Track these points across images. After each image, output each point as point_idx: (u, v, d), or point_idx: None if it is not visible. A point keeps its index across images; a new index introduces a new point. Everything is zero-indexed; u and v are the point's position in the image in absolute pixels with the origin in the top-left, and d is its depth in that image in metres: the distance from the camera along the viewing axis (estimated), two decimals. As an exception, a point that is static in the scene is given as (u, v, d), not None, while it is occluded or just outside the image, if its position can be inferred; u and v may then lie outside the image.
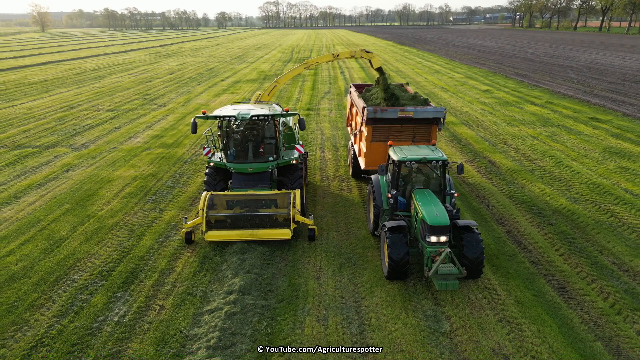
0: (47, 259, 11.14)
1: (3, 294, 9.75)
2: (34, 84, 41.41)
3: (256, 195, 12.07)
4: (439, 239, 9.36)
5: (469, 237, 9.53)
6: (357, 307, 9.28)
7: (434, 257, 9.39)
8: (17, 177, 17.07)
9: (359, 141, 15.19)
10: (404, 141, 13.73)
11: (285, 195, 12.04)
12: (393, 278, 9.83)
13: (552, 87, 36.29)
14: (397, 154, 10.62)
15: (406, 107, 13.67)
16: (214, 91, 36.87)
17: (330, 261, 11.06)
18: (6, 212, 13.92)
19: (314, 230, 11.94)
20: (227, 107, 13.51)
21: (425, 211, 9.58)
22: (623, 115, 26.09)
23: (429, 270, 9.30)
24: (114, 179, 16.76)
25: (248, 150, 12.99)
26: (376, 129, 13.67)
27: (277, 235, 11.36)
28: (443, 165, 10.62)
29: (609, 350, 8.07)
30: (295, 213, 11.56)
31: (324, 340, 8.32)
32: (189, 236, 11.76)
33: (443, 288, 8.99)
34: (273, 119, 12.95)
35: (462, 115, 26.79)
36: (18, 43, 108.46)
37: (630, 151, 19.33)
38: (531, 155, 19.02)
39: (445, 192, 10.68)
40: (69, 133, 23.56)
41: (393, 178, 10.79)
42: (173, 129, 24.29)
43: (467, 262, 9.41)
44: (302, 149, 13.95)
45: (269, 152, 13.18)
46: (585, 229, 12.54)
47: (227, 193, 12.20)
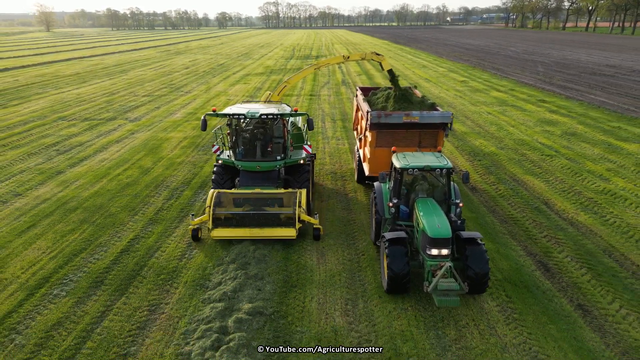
0: (145, 177, 17.11)
1: (128, 190, 15.71)
2: (68, 77, 47.24)
3: (263, 193, 12.24)
4: (440, 251, 8.99)
5: (474, 250, 9.14)
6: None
7: (434, 271, 8.99)
8: (97, 137, 23.01)
9: (363, 146, 14.92)
10: (410, 147, 13.24)
11: (292, 194, 12.13)
12: (393, 292, 9.49)
13: (519, 78, 42.37)
14: (399, 161, 10.32)
15: (411, 111, 13.28)
16: (228, 82, 42.79)
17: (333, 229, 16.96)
18: (103, 155, 19.87)
19: (320, 229, 12.08)
20: (237, 106, 13.82)
21: (426, 222, 9.23)
22: (566, 97, 32.17)
23: (428, 285, 8.91)
24: (169, 138, 22.70)
25: (256, 149, 13.14)
26: (380, 134, 13.32)
27: (282, 234, 11.56)
28: (448, 173, 10.19)
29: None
30: (300, 212, 11.73)
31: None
32: (196, 233, 12.02)
33: (443, 304, 8.65)
34: (282, 119, 13.08)
35: (437, 99, 32.71)
36: (30, 42, 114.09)
37: (558, 121, 25.34)
38: (482, 124, 25.01)
39: (449, 201, 10.25)
40: (121, 110, 29.51)
41: (395, 186, 10.45)
42: (202, 109, 30.21)
43: (472, 277, 9.02)
44: (310, 149, 14.03)
45: (277, 151, 13.31)
46: (501, 163, 18.53)
47: (234, 191, 12.46)
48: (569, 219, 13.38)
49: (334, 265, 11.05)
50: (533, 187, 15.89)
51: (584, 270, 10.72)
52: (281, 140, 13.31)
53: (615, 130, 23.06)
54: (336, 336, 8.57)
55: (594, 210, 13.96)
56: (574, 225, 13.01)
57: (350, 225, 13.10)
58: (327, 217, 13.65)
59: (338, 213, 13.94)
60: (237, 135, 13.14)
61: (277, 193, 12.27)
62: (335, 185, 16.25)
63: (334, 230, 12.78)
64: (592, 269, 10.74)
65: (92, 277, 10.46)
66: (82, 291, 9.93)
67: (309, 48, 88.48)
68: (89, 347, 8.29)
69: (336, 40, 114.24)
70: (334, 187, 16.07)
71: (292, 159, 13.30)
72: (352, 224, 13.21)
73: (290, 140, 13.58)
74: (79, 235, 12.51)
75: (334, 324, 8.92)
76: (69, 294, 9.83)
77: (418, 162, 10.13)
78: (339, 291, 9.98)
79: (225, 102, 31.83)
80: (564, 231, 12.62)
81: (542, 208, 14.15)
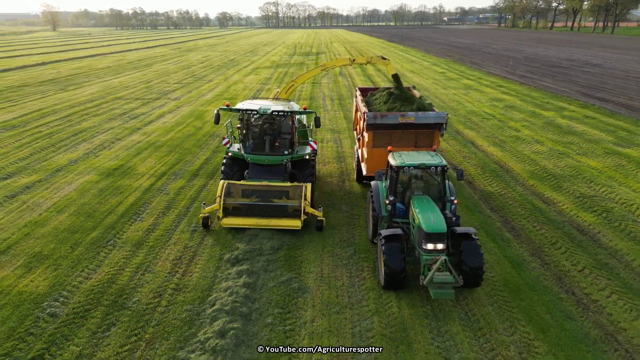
0: (200, 131, 24.39)
1: (191, 138, 23.01)
2: (102, 69, 54.44)
3: (270, 186, 12.87)
4: (436, 246, 9.31)
5: (468, 245, 9.49)
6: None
7: (430, 265, 9.28)
8: (152, 110, 30.28)
9: (361, 146, 15.35)
10: (406, 147, 13.62)
11: (297, 187, 12.76)
12: (390, 287, 9.81)
13: (489, 70, 49.80)
14: (395, 159, 10.66)
15: (407, 112, 13.72)
16: (242, 73, 50.08)
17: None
18: (164, 120, 27.12)
19: (322, 221, 12.73)
20: (248, 102, 14.54)
21: (422, 218, 9.54)
22: (520, 83, 39.61)
23: (424, 279, 9.18)
24: (207, 110, 29.98)
25: (265, 143, 13.78)
26: (377, 135, 13.67)
27: (288, 225, 12.26)
28: (442, 171, 10.54)
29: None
30: (305, 205, 12.37)
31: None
32: (206, 221, 12.72)
33: (438, 297, 8.99)
34: (291, 116, 13.81)
35: (418, 85, 40.02)
36: (45, 41, 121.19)
37: (505, 99, 32.71)
38: (446, 101, 32.34)
39: (445, 198, 10.60)
40: (161, 93, 36.81)
41: (391, 184, 10.80)
42: (227, 92, 37.48)
43: (467, 271, 9.35)
44: (315, 146, 14.58)
45: (284, 146, 13.92)
46: (451, 123, 25.79)
47: (243, 182, 13.10)
48: (483, 150, 20.70)
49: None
50: (467, 135, 23.24)
51: (489, 176, 18.04)
52: (289, 136, 14.00)
53: (544, 104, 30.47)
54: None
55: (502, 146, 21.28)
56: (485, 152, 20.33)
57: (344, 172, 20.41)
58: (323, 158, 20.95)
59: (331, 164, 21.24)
60: (248, 129, 13.90)
61: (283, 186, 12.93)
62: (333, 136, 23.55)
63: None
64: (487, 172, 18.05)
65: (190, 173, 17.79)
66: (187, 178, 17.24)
67: (309, 46, 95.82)
68: (200, 199, 15.60)
69: (335, 39, 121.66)
70: (332, 137, 23.36)
71: (298, 154, 14.02)
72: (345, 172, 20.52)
73: (297, 137, 14.36)
74: (171, 157, 19.83)
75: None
76: (181, 177, 17.21)
77: (413, 160, 10.51)
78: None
79: (243, 89, 39.12)
80: (476, 155, 19.94)
81: (469, 145, 21.48)
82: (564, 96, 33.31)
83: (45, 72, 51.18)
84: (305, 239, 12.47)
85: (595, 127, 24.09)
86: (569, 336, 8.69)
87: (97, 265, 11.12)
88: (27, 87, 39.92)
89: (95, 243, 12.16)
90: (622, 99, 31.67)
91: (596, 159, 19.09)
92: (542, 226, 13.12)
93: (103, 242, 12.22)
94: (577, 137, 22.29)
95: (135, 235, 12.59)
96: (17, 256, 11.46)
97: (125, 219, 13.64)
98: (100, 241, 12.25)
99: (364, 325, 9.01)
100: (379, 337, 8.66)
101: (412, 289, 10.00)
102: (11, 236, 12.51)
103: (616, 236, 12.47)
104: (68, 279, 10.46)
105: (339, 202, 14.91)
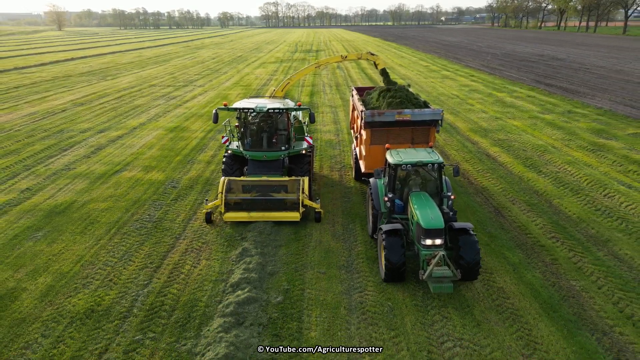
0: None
1: (221, 112, 30.13)
2: (126, 64, 61.47)
3: (269, 181, 13.28)
4: (434, 241, 9.58)
5: (465, 240, 9.68)
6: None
7: (429, 260, 9.50)
8: (185, 93, 37.38)
9: (359, 144, 15.59)
10: (403, 144, 13.91)
11: (295, 181, 13.14)
12: (390, 280, 10.09)
13: (467, 64, 57.02)
14: (393, 157, 10.87)
15: (404, 110, 13.94)
16: (251, 67, 57.21)
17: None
18: (196, 100, 34.18)
19: (320, 213, 13.22)
20: (245, 100, 14.95)
21: (420, 214, 9.77)
22: (489, 74, 46.85)
23: (423, 273, 9.42)
24: (230, 93, 37.08)
25: (263, 140, 14.21)
26: (375, 132, 13.95)
27: (287, 217, 12.81)
28: (439, 168, 10.78)
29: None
30: (304, 198, 12.84)
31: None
32: (209, 216, 13.14)
33: (437, 291, 9.28)
34: (286, 113, 14.26)
35: (404, 76, 47.24)
36: (57, 40, 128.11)
37: (471, 85, 39.90)
38: (424, 87, 39.49)
39: (442, 194, 10.85)
40: (187, 82, 43.92)
41: (390, 181, 11.01)
42: (242, 81, 44.60)
43: (464, 265, 9.54)
44: (310, 141, 15.04)
45: (281, 142, 14.34)
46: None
47: (243, 178, 13.49)
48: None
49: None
50: (434, 109, 30.37)
51: (441, 131, 25.16)
52: (285, 132, 14.45)
53: (501, 88, 37.68)
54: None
55: (456, 114, 28.38)
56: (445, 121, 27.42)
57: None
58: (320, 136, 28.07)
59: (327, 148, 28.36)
60: (246, 127, 14.36)
61: (282, 180, 13.35)
62: (331, 109, 30.66)
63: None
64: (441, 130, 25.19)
65: (229, 130, 24.96)
66: (227, 133, 24.40)
67: (310, 44, 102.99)
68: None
69: (333, 38, 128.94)
70: (330, 110, 30.47)
71: (295, 150, 14.50)
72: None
73: (293, 132, 14.83)
74: (214, 127, 26.94)
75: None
76: (222, 132, 24.33)
77: (411, 158, 10.73)
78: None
79: (255, 78, 46.23)
80: (437, 120, 27.08)
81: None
82: (520, 82, 40.52)
83: (78, 66, 58.29)
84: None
85: (530, 102, 31.27)
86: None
87: (188, 170, 18.35)
88: (71, 77, 47.08)
89: (182, 162, 19.36)
90: (564, 84, 38.85)
91: (520, 120, 26.25)
92: (466, 154, 20.28)
93: (186, 161, 19.42)
94: (514, 109, 29.46)
95: (205, 157, 19.88)
96: (135, 167, 18.65)
97: (195, 151, 20.87)
98: (184, 161, 19.47)
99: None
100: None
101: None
102: (126, 158, 19.76)
103: (510, 158, 19.64)
104: (173, 174, 17.72)
105: (335, 145, 22.01)
